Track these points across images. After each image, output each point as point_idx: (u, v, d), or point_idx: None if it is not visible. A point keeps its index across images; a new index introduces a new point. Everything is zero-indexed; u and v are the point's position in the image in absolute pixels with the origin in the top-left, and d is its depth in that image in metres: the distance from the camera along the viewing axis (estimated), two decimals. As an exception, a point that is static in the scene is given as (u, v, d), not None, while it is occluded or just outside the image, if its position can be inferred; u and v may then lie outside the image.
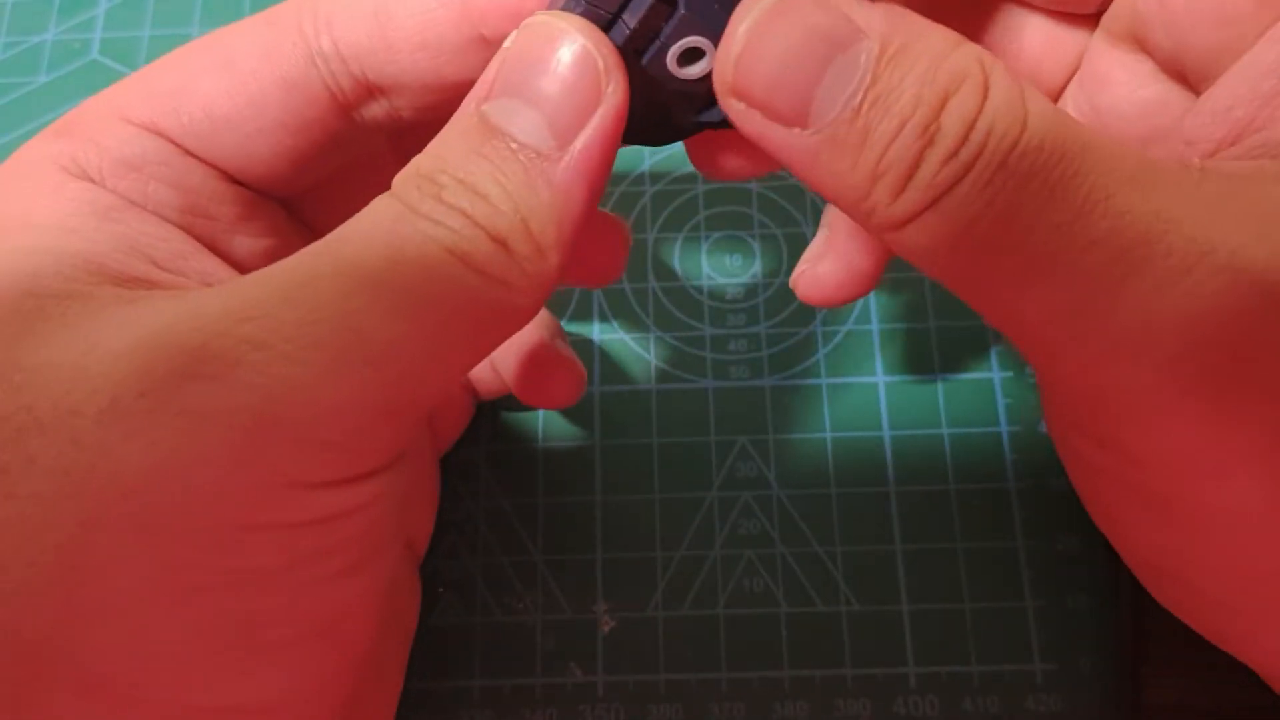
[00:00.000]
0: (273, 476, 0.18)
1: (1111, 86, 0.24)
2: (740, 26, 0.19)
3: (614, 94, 0.19)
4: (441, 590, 0.31)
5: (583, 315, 0.34)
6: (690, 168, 0.36)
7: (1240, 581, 0.20)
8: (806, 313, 0.34)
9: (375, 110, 0.23)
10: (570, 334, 0.34)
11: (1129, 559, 0.22)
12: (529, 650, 0.30)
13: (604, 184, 0.20)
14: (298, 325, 0.18)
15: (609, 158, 0.20)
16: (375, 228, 0.19)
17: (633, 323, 0.34)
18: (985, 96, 0.18)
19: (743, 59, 0.19)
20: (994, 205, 0.18)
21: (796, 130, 0.18)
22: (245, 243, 0.24)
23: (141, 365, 0.18)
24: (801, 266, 0.26)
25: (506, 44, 0.19)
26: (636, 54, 0.20)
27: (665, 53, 0.20)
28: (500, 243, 0.19)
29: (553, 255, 0.19)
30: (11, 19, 0.39)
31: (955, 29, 0.25)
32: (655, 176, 0.36)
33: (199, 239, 0.23)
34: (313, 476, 0.19)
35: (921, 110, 0.18)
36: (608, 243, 0.26)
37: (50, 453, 0.17)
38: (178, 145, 0.23)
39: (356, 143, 0.24)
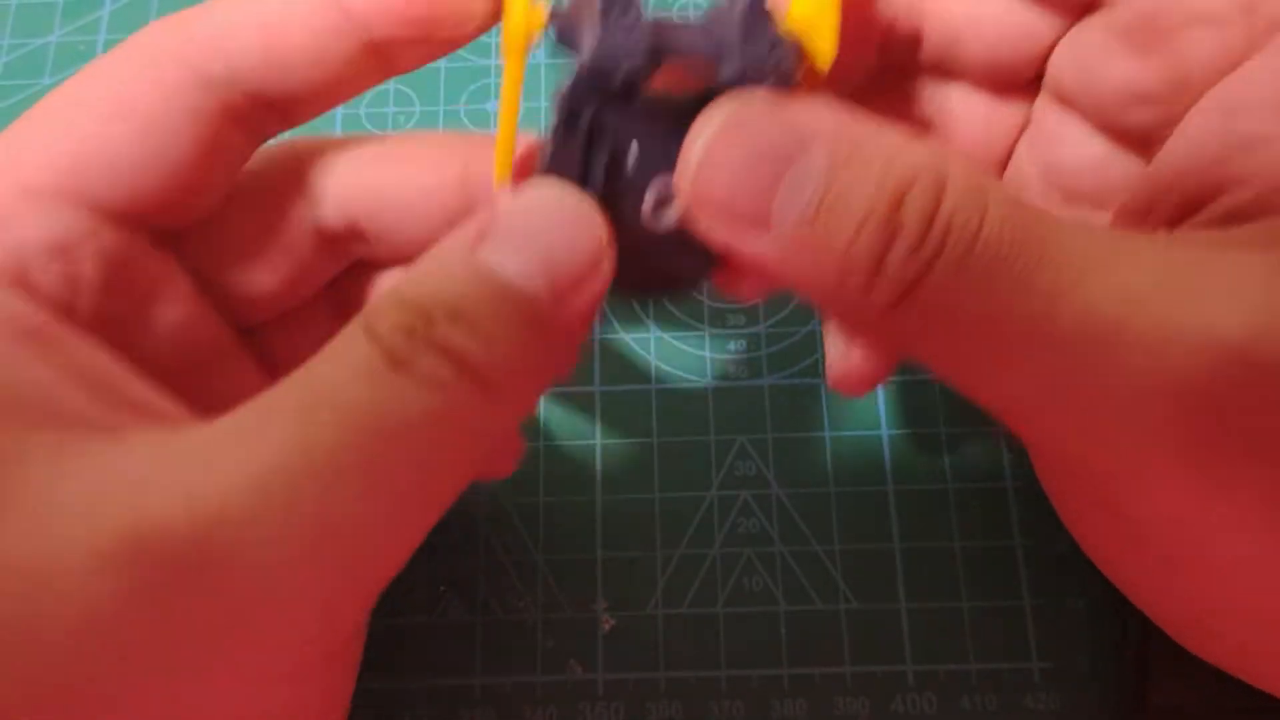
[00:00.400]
0: (244, 682, 0.17)
1: (1061, 144, 0.24)
2: (694, 149, 0.19)
3: (607, 252, 0.20)
4: (442, 589, 0.31)
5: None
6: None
7: (1258, 627, 0.20)
8: (806, 312, 0.34)
9: (274, 128, 0.23)
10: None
11: (1145, 610, 0.22)
12: (529, 648, 0.30)
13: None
14: (273, 526, 0.17)
15: (593, 316, 0.20)
16: (355, 387, 0.17)
17: (633, 322, 0.34)
18: (942, 190, 0.18)
19: (699, 179, 0.19)
20: (964, 297, 0.18)
21: (761, 237, 0.19)
22: (168, 313, 0.23)
23: (119, 576, 0.16)
24: (834, 367, 0.26)
25: (497, 191, 0.20)
26: (617, 207, 0.21)
27: (640, 206, 0.21)
28: (490, 393, 0.18)
29: (533, 405, 0.19)
30: (16, 21, 0.39)
31: (897, 111, 0.25)
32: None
33: (122, 319, 0.22)
34: (282, 670, 0.18)
35: (879, 209, 0.18)
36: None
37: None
38: (94, 209, 0.21)
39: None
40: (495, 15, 0.22)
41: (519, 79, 0.20)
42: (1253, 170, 0.19)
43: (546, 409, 0.33)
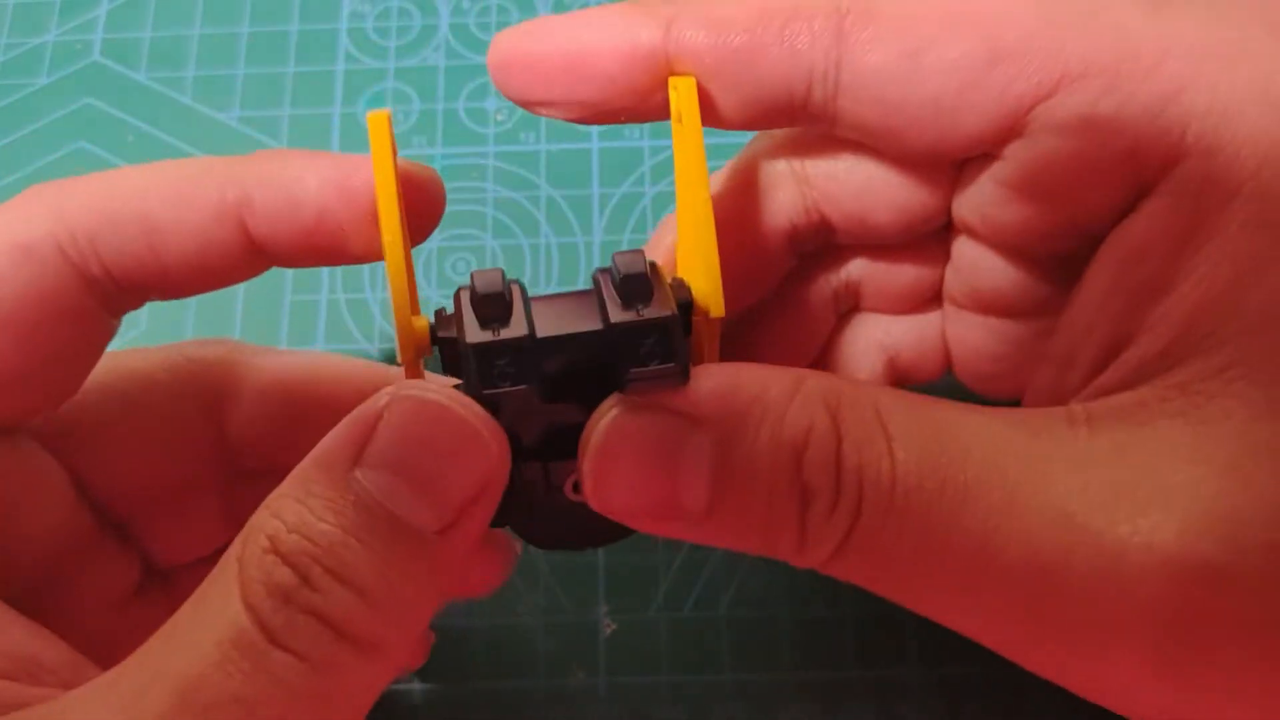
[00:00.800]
0: None
1: (983, 272, 0.24)
2: (585, 461, 0.19)
3: (498, 472, 0.18)
4: (443, 592, 0.31)
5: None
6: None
7: None
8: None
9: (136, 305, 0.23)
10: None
11: None
12: (531, 652, 0.30)
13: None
14: None
15: (483, 532, 0.19)
16: (228, 672, 0.16)
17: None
18: (839, 440, 0.18)
19: (597, 491, 0.19)
20: (897, 546, 0.18)
21: (676, 524, 0.19)
22: (42, 511, 0.23)
23: None
24: None
25: (378, 404, 0.18)
26: (528, 479, 0.20)
27: (552, 478, 0.20)
28: (376, 652, 0.17)
29: (404, 651, 0.18)
30: (13, 20, 0.39)
31: (822, 284, 0.25)
32: (656, 177, 0.36)
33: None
34: None
35: (781, 479, 0.18)
36: (493, 562, 0.27)
37: None
38: None
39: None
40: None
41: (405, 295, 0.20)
42: (1157, 318, 0.19)
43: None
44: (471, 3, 0.39)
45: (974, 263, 0.24)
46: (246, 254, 0.21)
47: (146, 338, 0.34)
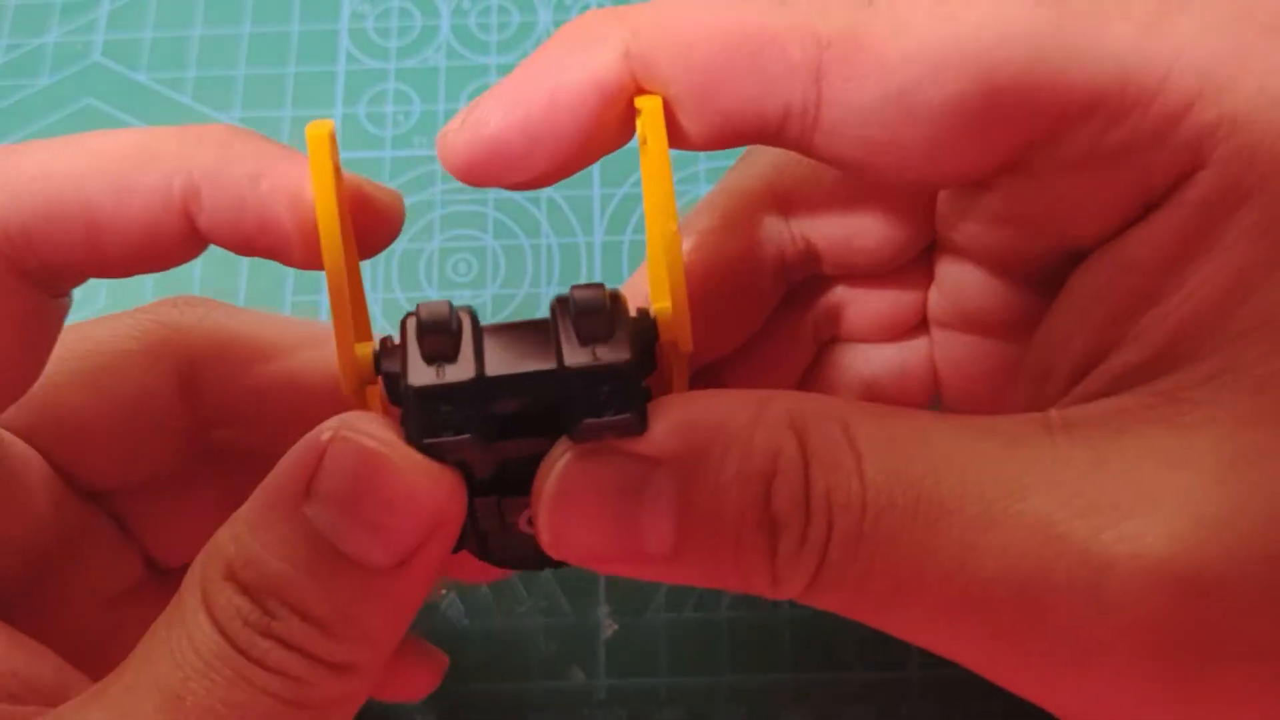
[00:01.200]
0: None
1: (969, 290, 0.23)
2: (539, 506, 0.18)
3: (448, 515, 0.18)
4: (444, 593, 0.31)
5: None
6: (692, 174, 0.35)
7: None
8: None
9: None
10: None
11: None
12: (531, 654, 0.30)
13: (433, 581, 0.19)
14: None
15: (444, 562, 0.18)
16: (208, 681, 0.17)
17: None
18: (807, 468, 0.17)
19: (553, 539, 0.18)
20: (870, 572, 0.17)
21: (641, 565, 0.18)
22: (27, 501, 0.22)
23: None
24: None
25: (322, 437, 0.17)
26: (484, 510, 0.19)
27: (507, 508, 0.19)
28: (344, 672, 0.17)
29: (383, 661, 0.18)
30: (14, 21, 0.39)
31: (807, 310, 0.24)
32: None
33: None
34: None
35: (749, 512, 0.17)
36: (421, 672, 0.27)
37: None
38: None
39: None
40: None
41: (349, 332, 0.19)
42: (1143, 328, 0.18)
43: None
44: (472, 3, 0.39)
45: (959, 282, 0.23)
46: (189, 240, 0.20)
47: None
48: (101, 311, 0.34)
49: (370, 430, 0.18)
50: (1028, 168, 0.19)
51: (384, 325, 0.34)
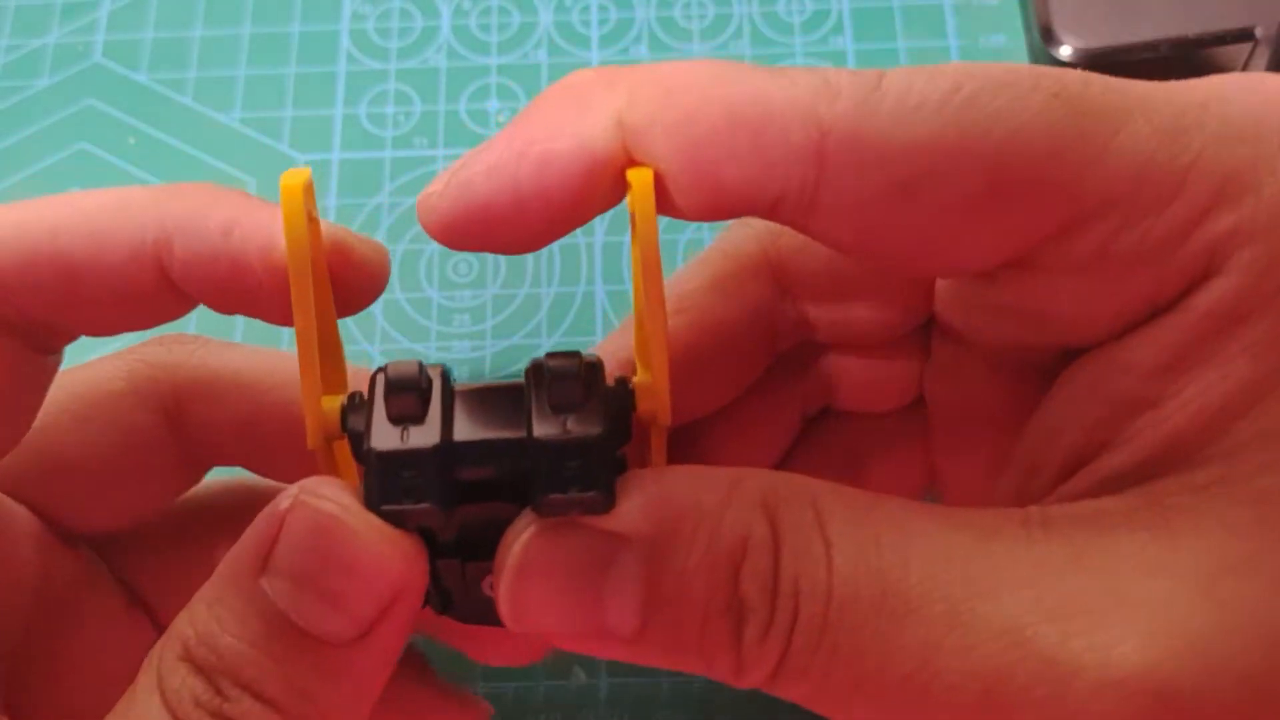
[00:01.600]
0: None
1: (961, 370, 0.23)
2: (500, 583, 0.17)
3: (409, 583, 0.17)
4: (445, 594, 0.31)
5: (584, 322, 0.34)
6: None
7: None
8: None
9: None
10: (572, 341, 0.34)
11: None
12: (532, 654, 0.30)
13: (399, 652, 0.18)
14: None
15: (407, 634, 0.18)
16: None
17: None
18: (777, 552, 0.16)
19: (515, 617, 0.17)
20: (832, 665, 0.16)
21: (604, 645, 0.17)
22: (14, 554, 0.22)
23: None
24: None
25: (281, 506, 0.17)
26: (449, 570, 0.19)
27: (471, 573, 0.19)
28: None
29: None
30: (14, 21, 0.39)
31: (798, 382, 0.24)
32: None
33: None
34: None
35: (716, 595, 0.16)
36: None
37: None
38: None
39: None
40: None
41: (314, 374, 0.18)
42: (1136, 431, 0.18)
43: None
44: (473, 4, 0.39)
45: (954, 362, 0.23)
46: (167, 293, 0.20)
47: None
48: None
49: (329, 495, 0.17)
50: (1035, 264, 0.18)
51: (384, 325, 0.34)
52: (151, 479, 0.24)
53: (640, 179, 0.17)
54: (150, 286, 0.20)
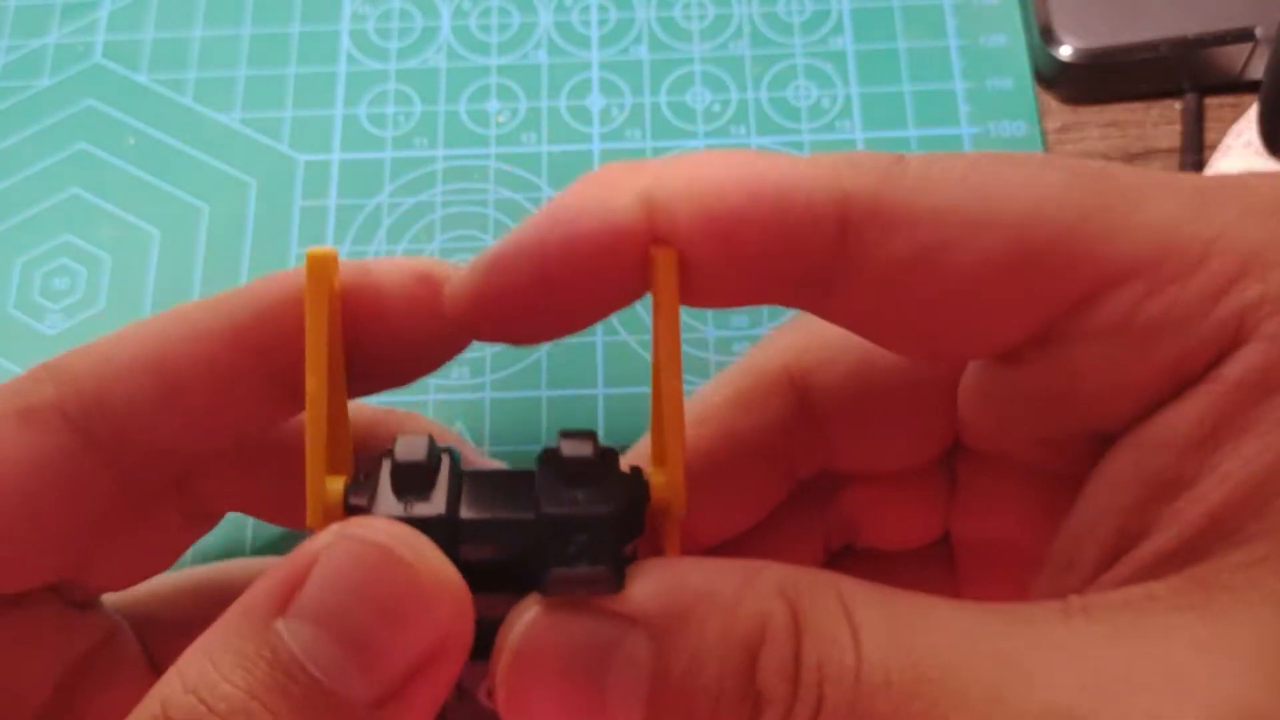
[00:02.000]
0: None
1: (992, 490, 0.22)
2: (498, 672, 0.16)
3: (454, 637, 0.16)
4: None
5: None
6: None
7: None
8: (810, 314, 0.34)
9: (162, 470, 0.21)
10: (574, 336, 0.34)
11: None
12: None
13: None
14: None
15: (440, 703, 0.16)
16: None
17: (636, 325, 0.34)
18: (799, 637, 0.15)
19: (514, 709, 0.16)
20: None
21: None
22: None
23: None
24: None
25: (318, 544, 0.16)
26: None
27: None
28: None
29: None
30: (14, 22, 0.39)
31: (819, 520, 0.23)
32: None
33: None
34: None
35: (729, 683, 0.15)
36: None
37: None
38: None
39: (149, 506, 0.22)
40: None
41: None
42: (1175, 513, 0.17)
43: (549, 410, 0.33)
44: (473, 4, 0.39)
45: (983, 482, 0.22)
46: (270, 386, 0.20)
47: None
48: (102, 314, 0.34)
49: (381, 526, 0.16)
50: (1060, 336, 0.18)
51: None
52: (146, 528, 0.22)
53: (664, 255, 0.18)
54: (250, 405, 0.20)
